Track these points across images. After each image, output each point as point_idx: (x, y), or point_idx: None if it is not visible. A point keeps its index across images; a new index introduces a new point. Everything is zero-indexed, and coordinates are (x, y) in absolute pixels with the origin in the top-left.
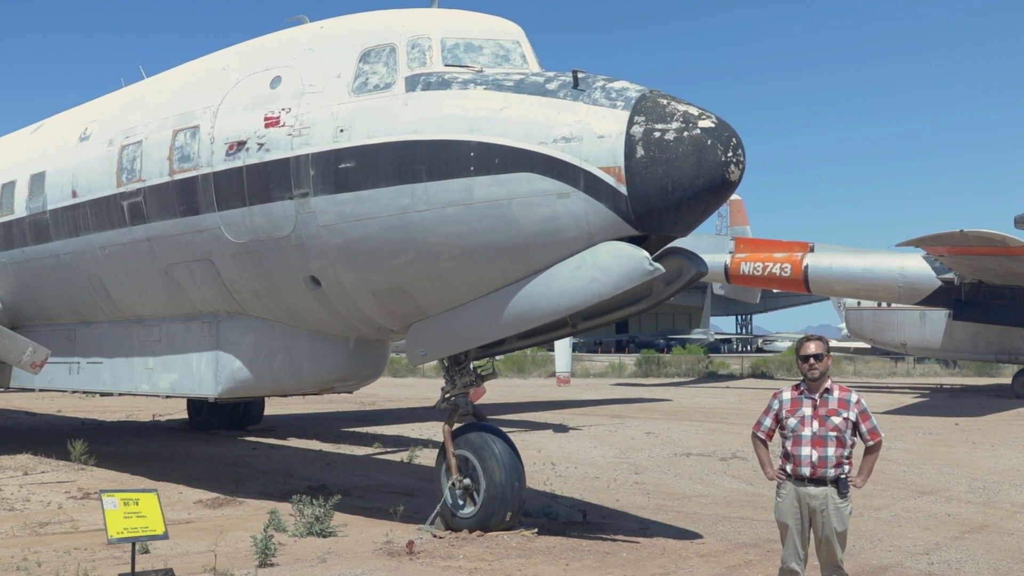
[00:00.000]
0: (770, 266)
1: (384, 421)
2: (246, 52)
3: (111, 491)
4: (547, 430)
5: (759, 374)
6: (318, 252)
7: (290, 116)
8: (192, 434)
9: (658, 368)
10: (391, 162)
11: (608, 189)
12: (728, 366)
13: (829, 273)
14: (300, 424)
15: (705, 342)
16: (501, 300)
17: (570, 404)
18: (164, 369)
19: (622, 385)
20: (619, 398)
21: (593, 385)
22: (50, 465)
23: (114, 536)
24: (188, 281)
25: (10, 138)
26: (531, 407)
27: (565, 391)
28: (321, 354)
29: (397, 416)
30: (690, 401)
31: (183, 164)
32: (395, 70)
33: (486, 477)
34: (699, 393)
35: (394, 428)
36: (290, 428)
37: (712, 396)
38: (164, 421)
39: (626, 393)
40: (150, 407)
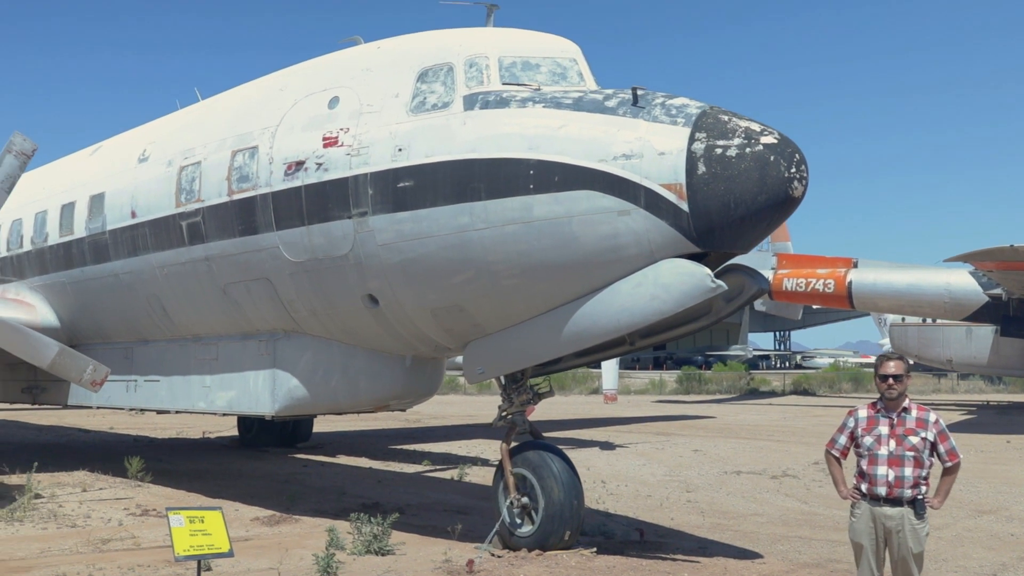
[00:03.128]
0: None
1: (431, 439)
2: (303, 73)
3: (177, 508)
4: (594, 447)
5: (801, 391)
6: (376, 271)
7: (348, 136)
8: (243, 451)
9: (699, 385)
10: (450, 181)
11: (669, 206)
12: (769, 383)
13: (873, 289)
14: (348, 442)
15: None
16: (560, 318)
17: (615, 421)
18: (221, 387)
19: (664, 402)
20: (663, 415)
21: (635, 402)
22: (107, 482)
23: (181, 554)
24: (246, 300)
25: (69, 160)
26: (576, 424)
27: (609, 408)
28: (378, 372)
29: (444, 434)
30: (734, 418)
31: (242, 184)
32: (453, 89)
33: (544, 496)
34: (742, 410)
35: (441, 446)
36: (339, 445)
37: (756, 413)
38: (214, 438)
39: (669, 410)
40: (200, 424)
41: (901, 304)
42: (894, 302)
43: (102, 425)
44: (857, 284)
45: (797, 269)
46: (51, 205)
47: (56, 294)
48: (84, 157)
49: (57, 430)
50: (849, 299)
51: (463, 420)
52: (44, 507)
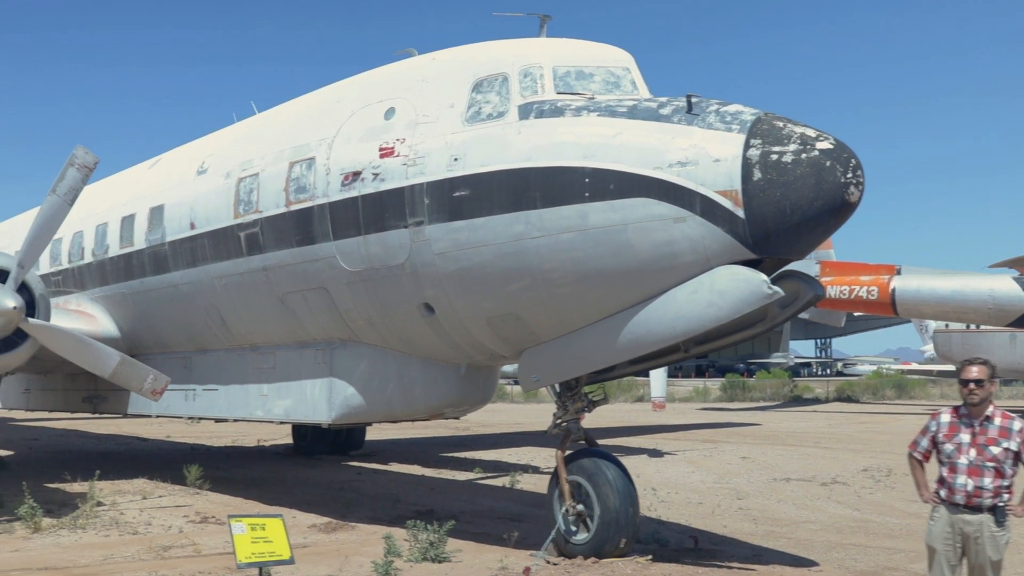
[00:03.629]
0: (856, 289)
1: (480, 446)
2: (359, 84)
3: (239, 516)
4: (642, 455)
5: (844, 398)
6: (432, 279)
7: (404, 146)
8: (297, 459)
9: (743, 392)
10: (505, 189)
11: (725, 213)
12: (812, 390)
13: (917, 295)
14: (400, 449)
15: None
16: (616, 325)
17: (661, 429)
18: (278, 396)
19: (709, 410)
20: (708, 423)
21: (680, 410)
22: (166, 489)
23: (243, 561)
24: (303, 309)
25: (129, 172)
26: (623, 432)
27: (655, 416)
28: (433, 380)
29: (493, 441)
30: (779, 425)
31: (299, 195)
32: (508, 99)
33: (600, 503)
34: (787, 417)
35: (491, 453)
36: (391, 453)
37: (801, 420)
38: (269, 446)
39: (714, 418)
40: (255, 432)
41: (945, 310)
42: (938, 308)
43: (159, 434)
44: (901, 291)
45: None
46: (111, 217)
47: (116, 305)
48: (144, 170)
49: (116, 439)
50: (893, 306)
51: (511, 428)
52: (106, 514)
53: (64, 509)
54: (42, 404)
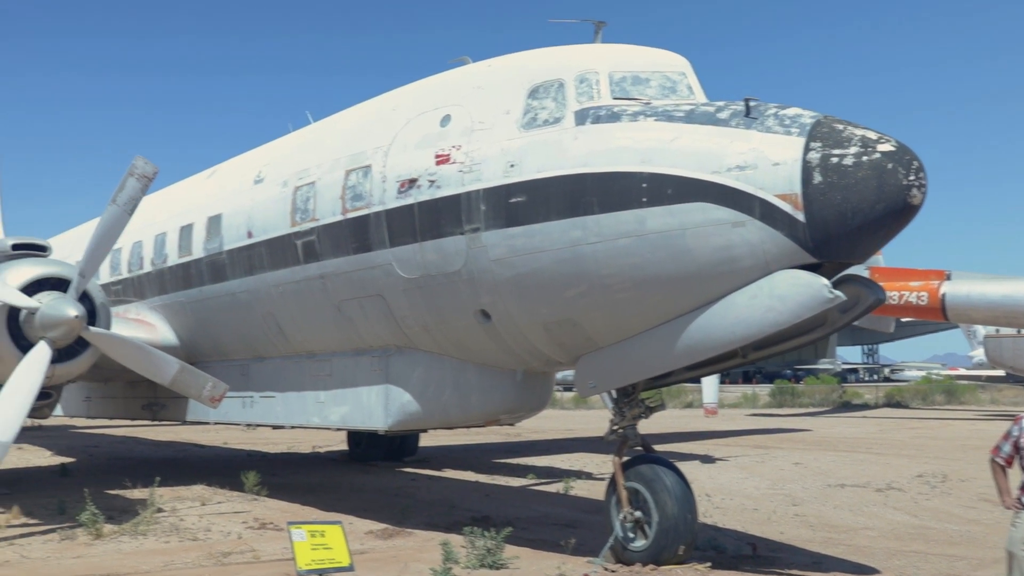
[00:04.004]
0: (906, 295)
1: (533, 452)
2: (415, 92)
3: (299, 523)
4: (694, 461)
5: (894, 403)
6: (489, 286)
7: (460, 153)
8: (352, 465)
9: (792, 398)
10: (562, 195)
11: (785, 216)
12: (861, 396)
13: (967, 301)
14: (453, 455)
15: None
16: (674, 331)
17: (712, 435)
18: (335, 403)
19: (758, 415)
20: (759, 428)
21: (729, 415)
22: (225, 495)
23: (303, 568)
24: (359, 316)
25: (187, 183)
26: (674, 438)
27: (704, 421)
28: (489, 387)
29: (545, 448)
30: (830, 431)
31: (355, 203)
32: (564, 105)
33: (658, 510)
34: (837, 423)
35: (544, 459)
36: (444, 459)
37: (851, 426)
38: (324, 453)
39: (764, 423)
40: (310, 439)
41: (996, 315)
42: (988, 313)
43: (216, 440)
44: (951, 296)
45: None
46: (170, 227)
47: (175, 313)
48: (201, 180)
49: (174, 446)
50: (943, 311)
51: (563, 434)
52: (166, 521)
53: (125, 515)
54: (103, 412)
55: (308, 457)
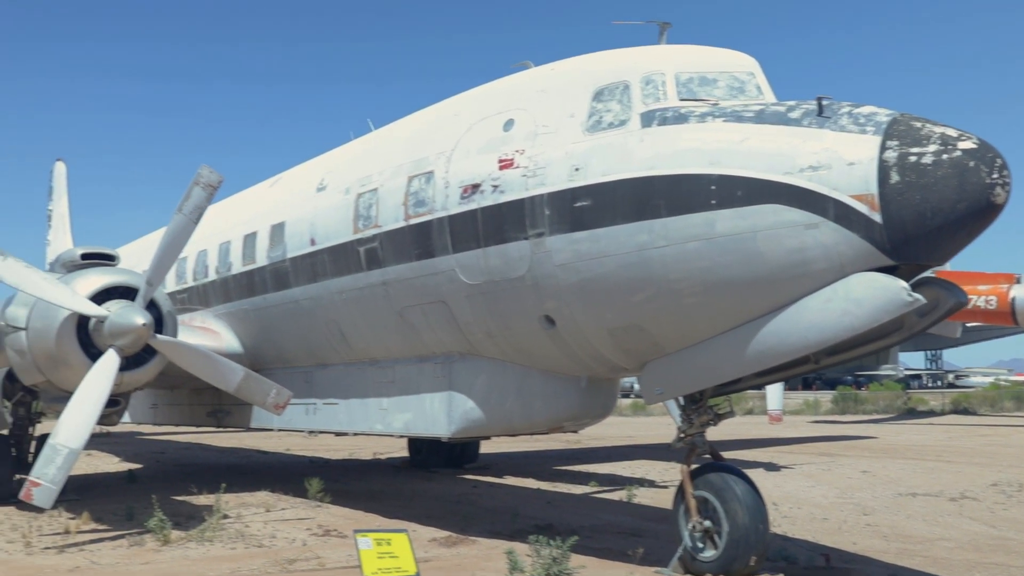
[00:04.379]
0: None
1: (593, 460)
2: (477, 98)
3: (364, 531)
4: (758, 468)
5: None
6: (553, 291)
7: (524, 157)
8: (413, 472)
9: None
10: (628, 199)
11: (860, 217)
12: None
13: None
14: (514, 462)
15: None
16: (744, 336)
17: (775, 442)
18: (398, 409)
19: (820, 422)
20: (823, 436)
21: (791, 422)
22: (288, 502)
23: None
24: (422, 323)
25: (250, 192)
26: (737, 445)
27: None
28: (553, 393)
29: (605, 455)
30: (896, 439)
31: (418, 209)
32: (630, 107)
33: (728, 519)
34: (903, 430)
35: (605, 467)
36: (505, 466)
37: (917, 433)
38: (384, 460)
39: (827, 431)
40: (370, 446)
41: None
42: None
43: (278, 447)
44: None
45: None
46: (234, 236)
47: (239, 321)
48: (264, 189)
49: (238, 452)
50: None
51: (622, 441)
52: (231, 527)
53: (191, 522)
54: (169, 418)
55: (369, 464)
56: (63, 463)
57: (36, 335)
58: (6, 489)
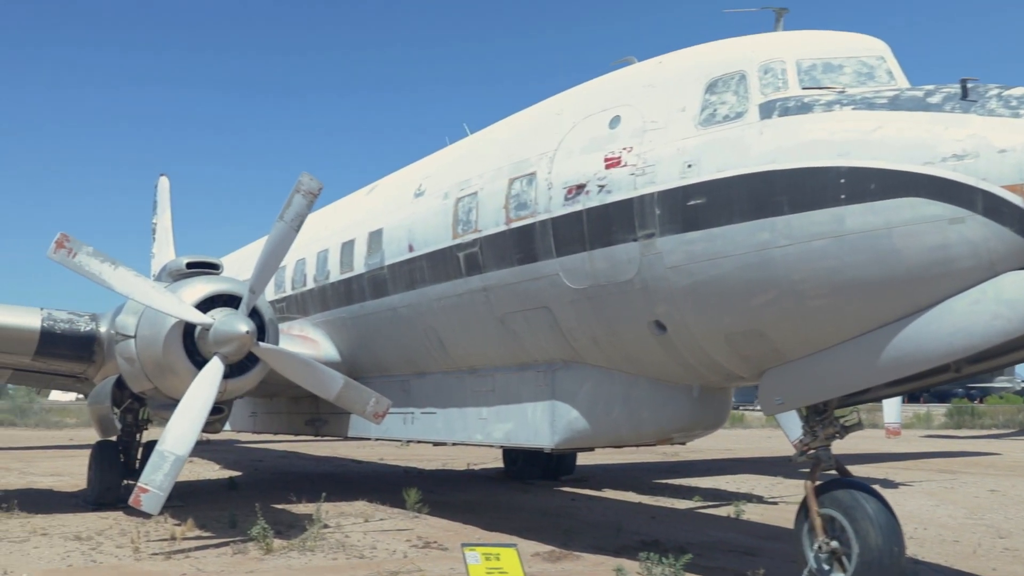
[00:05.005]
0: None
1: (693, 473)
2: (580, 95)
3: (472, 545)
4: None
5: None
6: (664, 295)
7: (632, 155)
8: (509, 483)
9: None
10: (746, 196)
11: (1014, 211)
12: None
13: None
14: (611, 475)
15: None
16: (877, 342)
17: (889, 457)
18: (498, 419)
19: (935, 437)
20: (940, 451)
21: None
22: (386, 512)
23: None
24: (524, 330)
25: (347, 200)
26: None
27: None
28: (662, 403)
29: (706, 468)
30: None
31: (520, 212)
32: (747, 98)
33: (859, 540)
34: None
35: (706, 480)
36: (602, 479)
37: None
38: (478, 470)
39: (944, 446)
40: (464, 456)
41: None
42: None
43: (372, 456)
44: None
45: None
46: (332, 244)
47: (337, 329)
48: (362, 196)
49: (333, 461)
50: None
51: (721, 454)
52: (332, 536)
53: (292, 530)
54: (267, 427)
55: (464, 475)
56: (170, 470)
57: (144, 343)
58: (114, 494)
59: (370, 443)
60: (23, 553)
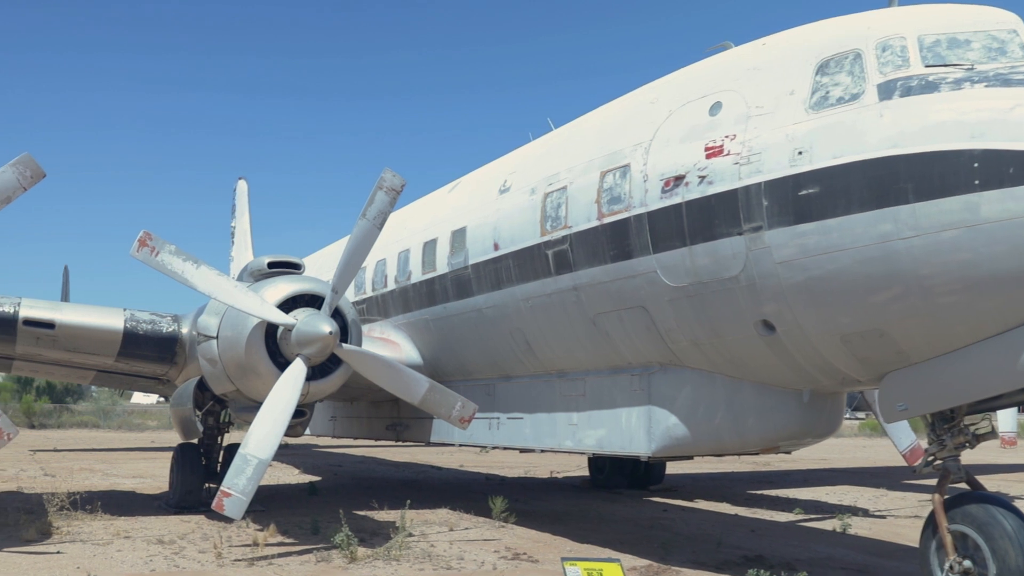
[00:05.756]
0: None
1: (788, 484)
2: (675, 82)
3: (573, 559)
4: None
5: None
6: (773, 293)
7: (735, 143)
8: (595, 492)
9: None
10: (866, 183)
11: None
12: None
13: None
14: (701, 485)
15: None
16: (1016, 343)
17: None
18: (589, 425)
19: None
20: None
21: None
22: (471, 521)
23: None
24: (618, 331)
25: (429, 199)
26: None
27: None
28: (769, 409)
29: (801, 478)
30: None
31: (613, 206)
32: (863, 78)
33: (996, 560)
34: None
35: (804, 492)
36: (693, 489)
37: None
38: (562, 478)
39: None
40: (546, 463)
41: None
42: None
43: (452, 463)
44: None
45: None
46: (413, 243)
47: (418, 331)
48: (443, 194)
49: (412, 467)
50: None
51: (815, 463)
52: (417, 546)
53: (376, 538)
54: (347, 431)
55: (547, 482)
56: (253, 474)
57: (226, 343)
58: (196, 497)
59: (449, 449)
60: (106, 556)
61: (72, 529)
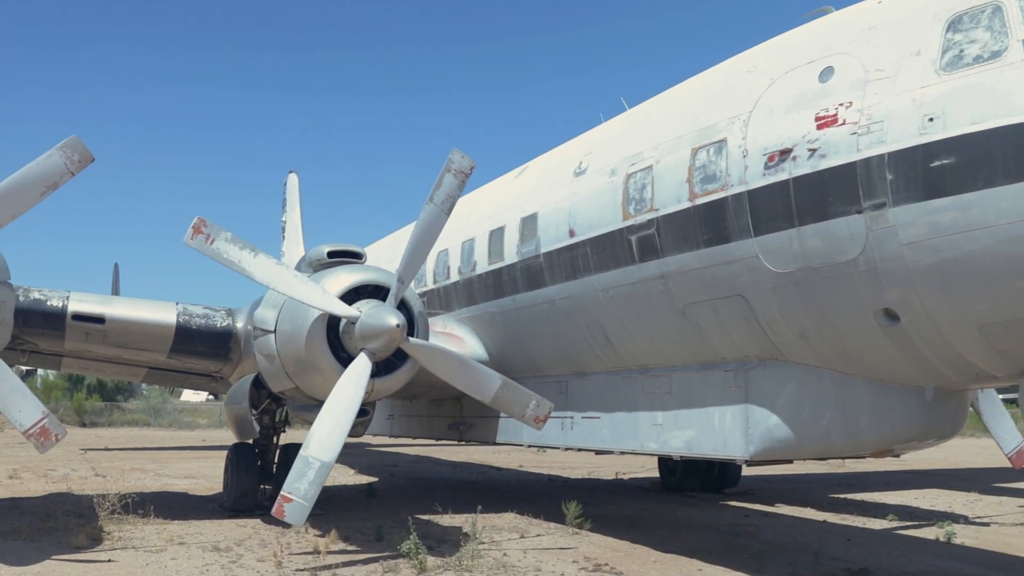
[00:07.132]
0: None
1: (869, 487)
2: (776, 48)
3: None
4: None
5: None
6: (897, 278)
7: (852, 111)
8: (667, 496)
9: None
10: (1012, 152)
11: None
12: None
13: None
14: (777, 488)
15: None
16: None
17: None
18: (676, 425)
19: None
20: None
21: None
22: (542, 527)
23: None
24: (710, 322)
25: (493, 185)
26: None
27: None
28: (886, 407)
29: (882, 481)
30: None
31: (707, 186)
32: (1005, 33)
33: None
34: None
35: (890, 496)
36: (770, 492)
37: None
38: (628, 480)
39: None
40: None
41: None
42: None
43: (510, 463)
44: None
45: None
46: (478, 232)
47: (484, 325)
48: (510, 180)
49: (470, 467)
50: None
51: (893, 464)
52: (488, 555)
53: (444, 546)
54: (406, 431)
55: (613, 484)
56: (315, 478)
57: (285, 338)
58: (252, 500)
59: (505, 449)
60: (160, 565)
61: (124, 534)
